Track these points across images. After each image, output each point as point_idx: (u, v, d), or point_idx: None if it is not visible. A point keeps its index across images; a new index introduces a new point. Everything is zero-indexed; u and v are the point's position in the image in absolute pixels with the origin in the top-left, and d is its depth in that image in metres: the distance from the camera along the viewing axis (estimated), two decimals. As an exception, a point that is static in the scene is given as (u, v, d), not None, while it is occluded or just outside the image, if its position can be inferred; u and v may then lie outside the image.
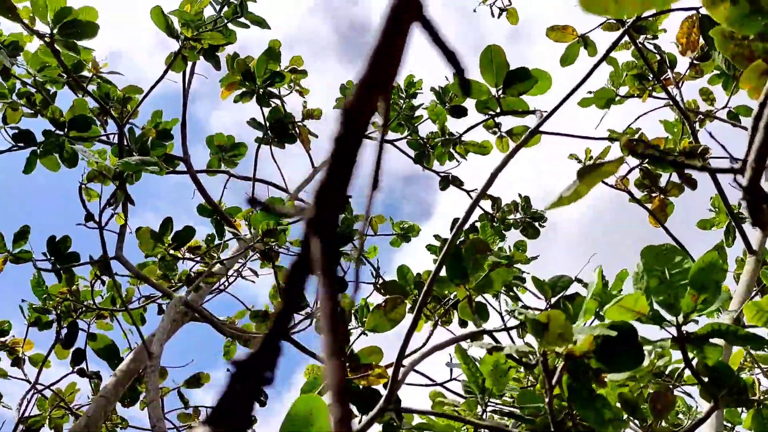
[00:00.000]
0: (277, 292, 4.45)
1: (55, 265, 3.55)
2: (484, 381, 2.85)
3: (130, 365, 3.06)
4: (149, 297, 4.29)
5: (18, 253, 3.49)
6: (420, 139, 5.29)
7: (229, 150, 5.00)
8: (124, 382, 2.99)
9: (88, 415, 2.75)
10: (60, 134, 3.78)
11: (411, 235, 5.19)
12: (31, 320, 4.30)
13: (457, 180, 5.32)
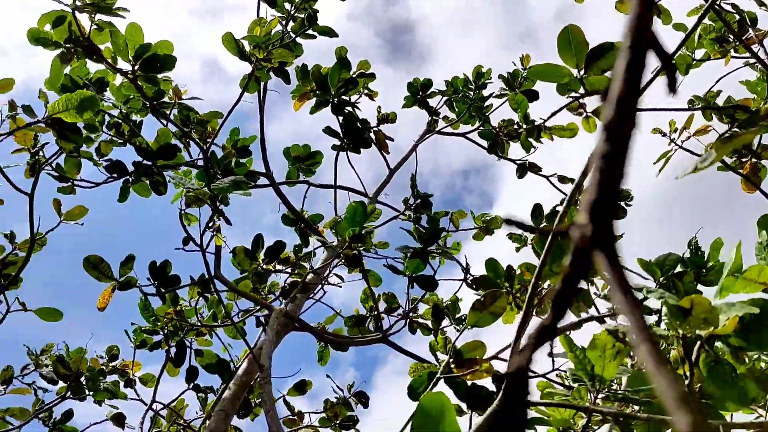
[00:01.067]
0: (368, 297, 4.52)
1: (159, 289, 3.72)
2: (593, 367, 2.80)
3: (242, 378, 3.17)
4: (247, 311, 4.43)
5: (124, 280, 3.67)
6: (492, 128, 5.24)
7: (306, 159, 5.11)
8: (239, 395, 3.11)
9: (210, 428, 2.87)
10: (148, 164, 3.97)
11: (493, 227, 5.15)
12: (137, 343, 4.53)
13: (534, 166, 5.24)
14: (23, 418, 4.04)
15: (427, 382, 2.81)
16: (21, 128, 2.86)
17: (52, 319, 4.16)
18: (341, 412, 4.93)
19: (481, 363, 2.70)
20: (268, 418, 2.70)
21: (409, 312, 3.97)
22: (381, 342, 3.66)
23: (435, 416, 1.43)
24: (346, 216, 3.33)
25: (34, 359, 4.28)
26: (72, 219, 3.56)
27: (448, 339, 2.90)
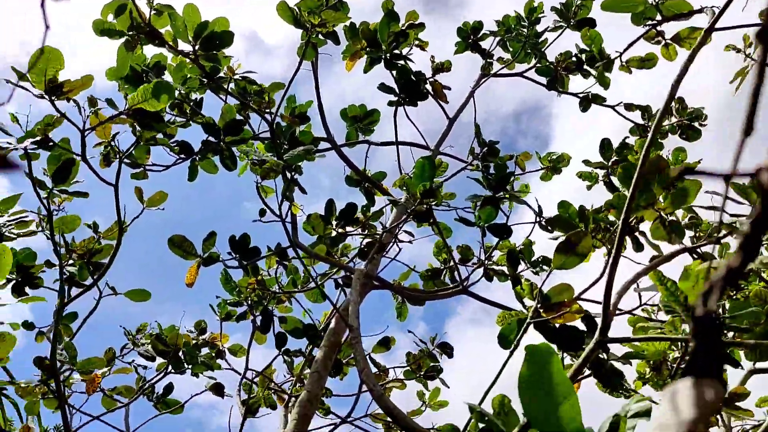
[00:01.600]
0: (441, 249, 4.53)
1: (240, 261, 3.83)
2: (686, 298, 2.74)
3: (331, 338, 3.26)
4: (324, 275, 4.52)
5: (207, 256, 3.80)
6: (550, 64, 5.09)
7: (364, 119, 5.10)
8: (330, 356, 3.20)
9: (307, 390, 2.98)
10: (216, 141, 4.04)
11: (561, 165, 5.05)
12: (222, 316, 4.70)
13: (598, 97, 5.07)
14: (129, 395, 4.28)
15: (516, 329, 2.82)
16: (104, 122, 2.95)
17: (141, 300, 4.35)
18: (424, 363, 5.01)
19: (569, 305, 2.68)
20: (363, 376, 2.77)
21: (485, 260, 3.96)
22: (461, 293, 3.68)
23: (540, 364, 1.45)
24: (414, 172, 3.32)
25: (131, 339, 4.50)
26: (153, 205, 3.68)
27: (533, 285, 2.89)
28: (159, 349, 3.89)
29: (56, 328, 3.59)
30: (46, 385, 3.94)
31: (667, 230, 2.29)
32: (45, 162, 3.54)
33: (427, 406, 4.79)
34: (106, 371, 4.07)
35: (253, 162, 4.51)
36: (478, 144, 4.26)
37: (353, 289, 3.16)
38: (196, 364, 3.90)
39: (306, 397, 2.96)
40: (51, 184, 3.54)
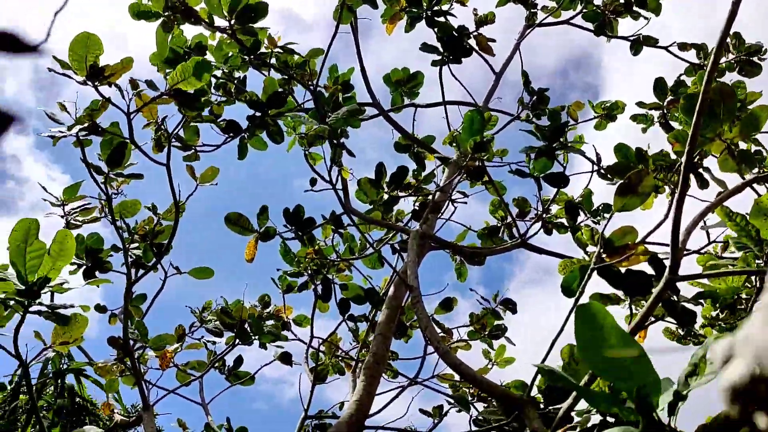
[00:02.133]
0: (497, 206, 4.45)
1: (297, 233, 3.86)
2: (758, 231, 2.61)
3: (392, 301, 3.25)
4: (380, 240, 4.52)
5: (264, 230, 3.84)
6: (597, 8, 4.88)
7: (408, 82, 5.02)
8: (393, 318, 3.20)
9: (373, 352, 2.99)
10: (261, 116, 4.05)
11: (616, 113, 4.86)
12: (284, 288, 4.76)
13: (650, 39, 4.85)
14: (202, 369, 4.40)
15: (580, 276, 2.74)
16: (147, 104, 2.99)
17: (205, 277, 4.45)
18: (488, 323, 4.97)
19: (634, 248, 2.59)
20: (427, 334, 2.76)
21: (543, 212, 3.87)
22: (520, 246, 3.61)
23: (595, 317, 1.41)
24: (463, 127, 3.25)
25: (197, 316, 4.62)
26: (206, 181, 3.73)
27: (594, 230, 2.80)
28: (226, 323, 3.97)
29: (127, 308, 3.71)
30: (122, 363, 4.09)
31: (736, 161, 2.16)
32: (98, 148, 3.62)
33: (493, 364, 4.76)
34: (178, 347, 4.19)
35: (300, 135, 4.52)
36: (528, 93, 4.13)
37: (410, 249, 3.14)
38: (263, 335, 3.97)
39: (373, 359, 2.98)
40: (106, 169, 3.63)
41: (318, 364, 4.21)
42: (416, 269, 2.99)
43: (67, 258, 2.71)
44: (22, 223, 2.62)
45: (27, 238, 2.62)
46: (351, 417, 2.77)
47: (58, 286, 2.74)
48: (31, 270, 2.65)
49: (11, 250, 2.61)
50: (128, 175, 3.68)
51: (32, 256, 2.64)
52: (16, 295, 2.61)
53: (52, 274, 2.69)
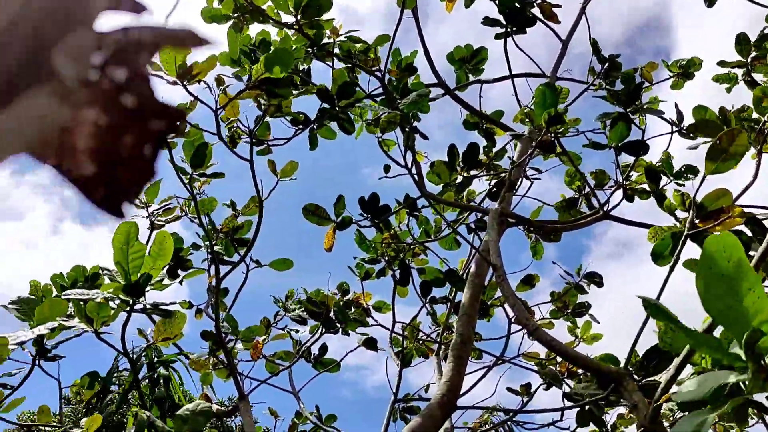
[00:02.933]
0: (573, 178, 4.36)
1: (373, 220, 3.90)
2: None
3: (474, 281, 3.26)
4: (456, 221, 4.51)
5: (341, 219, 3.90)
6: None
7: (471, 59, 4.97)
8: (477, 297, 3.21)
9: (459, 333, 3.01)
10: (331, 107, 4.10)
11: (693, 70, 4.67)
12: (361, 275, 4.82)
13: (723, -10, 4.61)
14: (289, 358, 4.53)
15: (672, 243, 2.67)
16: (232, 99, 3.09)
17: (285, 268, 4.55)
18: (571, 301, 4.90)
19: (729, 210, 2.50)
20: (515, 311, 2.75)
21: (624, 180, 3.77)
22: (603, 219, 3.53)
23: (718, 254, 1.34)
24: (535, 101, 3.20)
25: (281, 305, 4.74)
26: (286, 176, 3.81)
27: (685, 195, 2.72)
28: (310, 311, 4.06)
29: (216, 303, 3.85)
30: (215, 356, 4.25)
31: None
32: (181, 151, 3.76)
33: (580, 340, 4.69)
34: (266, 338, 4.32)
35: (367, 122, 4.55)
36: (598, 61, 4.01)
37: (490, 228, 3.13)
38: (348, 321, 4.05)
39: (460, 340, 2.99)
40: (190, 170, 3.76)
41: (402, 349, 4.26)
42: (498, 247, 2.98)
43: (166, 257, 2.84)
44: (123, 226, 2.76)
45: (128, 240, 2.76)
46: (443, 397, 2.79)
47: (159, 283, 2.88)
48: (134, 270, 2.79)
49: (115, 252, 2.75)
50: (210, 175, 3.80)
51: (134, 256, 2.78)
52: (122, 294, 2.75)
53: (153, 272, 2.83)
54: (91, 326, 3.02)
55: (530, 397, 4.10)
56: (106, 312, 3.01)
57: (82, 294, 2.83)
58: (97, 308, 2.97)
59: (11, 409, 3.37)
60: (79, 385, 4.42)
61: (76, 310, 3.05)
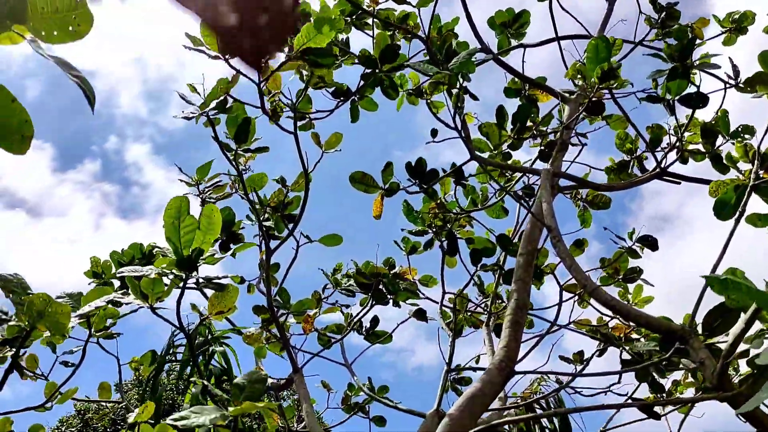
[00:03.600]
0: (624, 140, 4.23)
1: (421, 186, 3.86)
2: None
3: (528, 246, 3.19)
4: (503, 189, 4.43)
5: (389, 186, 3.86)
6: None
7: (513, 23, 4.85)
8: (531, 261, 3.14)
9: (515, 298, 2.95)
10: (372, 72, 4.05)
11: (746, 24, 4.46)
12: (407, 250, 4.79)
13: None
14: (340, 331, 4.54)
15: (735, 196, 2.56)
16: (276, 70, 3.06)
17: (334, 244, 4.54)
18: (622, 266, 4.78)
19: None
20: (573, 273, 2.68)
21: (681, 138, 3.63)
22: (658, 177, 3.42)
23: None
24: (588, 57, 3.09)
25: (331, 280, 4.75)
26: (331, 147, 3.78)
27: (748, 146, 2.60)
28: (361, 283, 4.06)
29: (268, 277, 3.87)
30: (268, 330, 4.30)
31: None
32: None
33: (633, 304, 4.58)
34: (317, 311, 4.34)
35: (408, 93, 4.49)
36: (654, 10, 3.85)
37: (543, 189, 3.05)
38: (399, 293, 4.03)
39: (515, 305, 2.94)
40: (235, 146, 3.77)
41: (454, 317, 4.22)
42: (551, 208, 2.90)
43: (216, 231, 2.85)
44: (173, 201, 2.77)
45: (179, 215, 2.77)
46: (501, 363, 2.75)
47: (210, 257, 2.89)
48: (186, 244, 2.80)
49: (166, 227, 2.77)
50: (255, 150, 3.81)
51: (185, 231, 2.79)
52: (175, 268, 2.77)
53: (204, 246, 2.84)
54: (146, 302, 3.07)
55: (585, 364, 4.02)
56: (160, 288, 3.04)
57: (136, 271, 2.87)
58: (151, 284, 3.01)
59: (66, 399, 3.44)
60: (138, 362, 4.52)
61: (131, 287, 3.10)
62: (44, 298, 1.57)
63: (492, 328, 4.56)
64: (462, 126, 3.31)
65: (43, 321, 1.61)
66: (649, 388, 3.43)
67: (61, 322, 1.62)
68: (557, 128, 3.93)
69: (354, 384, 4.84)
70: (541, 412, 3.68)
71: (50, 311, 1.58)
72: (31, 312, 1.59)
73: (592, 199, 4.72)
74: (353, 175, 3.77)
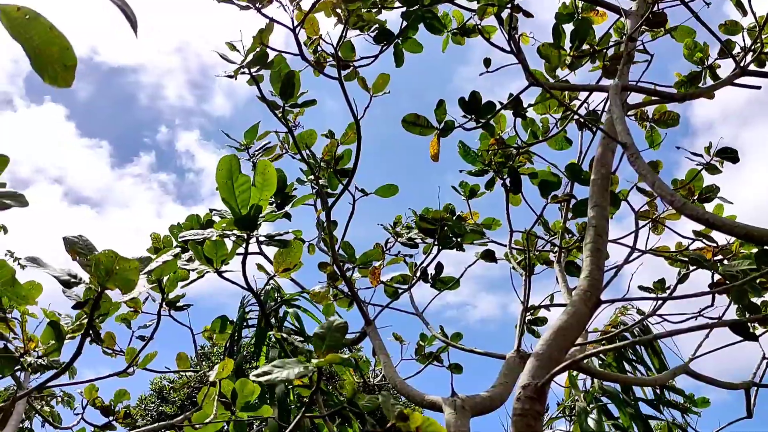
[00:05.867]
0: (693, 50, 3.91)
1: (478, 120, 3.66)
2: None
3: (601, 170, 2.98)
4: (563, 118, 4.19)
5: (443, 125, 3.68)
6: None
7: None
8: (606, 186, 2.94)
9: (592, 225, 2.77)
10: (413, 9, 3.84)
11: None
12: (467, 194, 4.62)
13: None
14: (407, 282, 4.44)
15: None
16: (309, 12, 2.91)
17: (390, 195, 4.40)
18: (696, 186, 4.50)
19: None
20: (656, 188, 2.46)
21: (759, 38, 3.31)
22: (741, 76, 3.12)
23: None
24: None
25: (392, 231, 4.63)
26: (379, 90, 3.61)
27: None
28: (424, 229, 3.92)
29: (330, 233, 3.77)
30: (334, 287, 4.23)
31: None
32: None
33: (714, 225, 4.31)
34: (381, 263, 4.24)
35: (453, 32, 4.25)
36: None
37: (613, 105, 2.82)
38: (465, 234, 3.88)
39: (593, 232, 2.75)
40: (281, 102, 3.64)
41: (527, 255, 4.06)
42: (625, 123, 2.68)
43: (272, 187, 2.75)
44: (223, 161, 2.67)
45: (231, 174, 2.67)
46: (585, 293, 2.58)
47: (270, 214, 2.80)
48: (243, 204, 2.71)
49: (221, 188, 2.68)
50: (302, 104, 3.67)
51: (240, 190, 2.69)
52: (235, 227, 2.69)
53: (262, 204, 2.74)
54: (211, 266, 3.02)
55: (673, 289, 3.81)
56: (223, 250, 2.98)
57: (197, 234, 2.80)
58: (214, 247, 2.95)
59: (147, 363, 3.47)
60: (210, 330, 4.55)
61: (194, 253, 3.05)
62: (111, 255, 1.50)
63: (563, 265, 4.38)
64: (517, 49, 3.09)
65: (112, 280, 1.54)
66: (744, 311, 3.21)
67: (130, 278, 1.54)
68: (619, 42, 3.64)
69: (426, 334, 4.76)
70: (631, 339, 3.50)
71: (118, 269, 1.51)
72: (99, 271, 1.51)
73: (659, 117, 4.45)
74: (406, 117, 3.61)
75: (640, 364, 5.02)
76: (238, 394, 2.72)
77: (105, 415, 3.15)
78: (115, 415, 3.17)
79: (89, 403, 3.17)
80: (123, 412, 3.19)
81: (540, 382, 2.22)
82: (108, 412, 3.15)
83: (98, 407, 3.15)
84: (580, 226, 4.55)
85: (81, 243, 1.58)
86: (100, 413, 3.16)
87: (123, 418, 3.16)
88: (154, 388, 19.39)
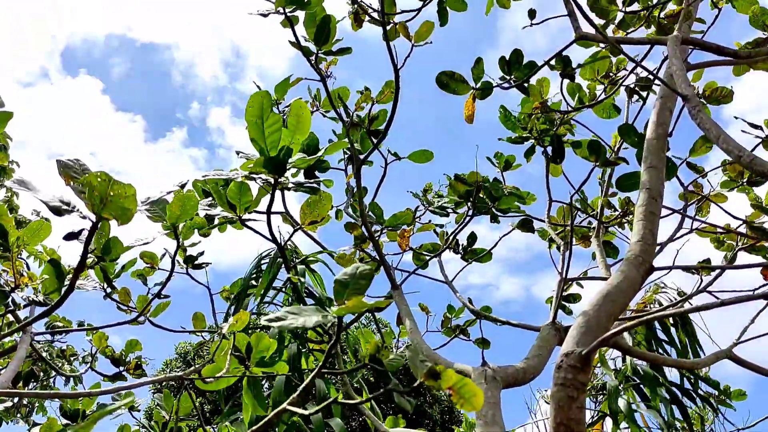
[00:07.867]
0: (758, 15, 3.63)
1: (518, 81, 3.44)
2: None
3: (658, 130, 2.75)
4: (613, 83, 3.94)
5: (481, 85, 3.47)
6: None
7: None
8: (663, 147, 2.71)
9: (647, 187, 2.55)
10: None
11: None
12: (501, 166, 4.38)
13: None
14: (436, 250, 4.26)
15: None
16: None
17: (425, 160, 4.20)
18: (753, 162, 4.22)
19: None
20: (722, 143, 2.23)
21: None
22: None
23: None
24: None
25: (423, 199, 4.44)
26: (422, 39, 3.40)
27: None
28: (459, 192, 3.72)
29: (360, 194, 3.59)
30: (361, 250, 4.06)
31: None
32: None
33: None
34: (411, 228, 4.06)
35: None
36: None
37: (673, 57, 2.58)
38: (502, 197, 3.67)
39: (647, 195, 2.53)
40: (315, 48, 3.46)
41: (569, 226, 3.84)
42: (686, 75, 2.45)
43: (305, 130, 2.57)
44: (254, 98, 2.50)
45: (262, 113, 2.50)
46: (636, 258, 2.37)
47: (300, 160, 2.62)
48: (272, 145, 2.55)
49: (249, 127, 2.51)
50: (337, 52, 3.49)
51: (270, 130, 2.53)
52: (263, 170, 2.53)
53: (293, 147, 2.57)
54: (234, 212, 2.86)
55: (728, 264, 3.57)
56: (248, 196, 2.83)
57: (221, 174, 2.64)
58: (238, 192, 2.79)
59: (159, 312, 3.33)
60: (228, 291, 4.41)
61: (216, 197, 2.89)
62: (104, 178, 1.32)
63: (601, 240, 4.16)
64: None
65: (107, 208, 1.36)
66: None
67: (126, 207, 1.36)
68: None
69: (453, 306, 4.58)
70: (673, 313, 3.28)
71: (113, 195, 1.33)
72: (92, 197, 1.34)
73: (710, 93, 4.17)
74: (440, 77, 3.39)
75: (670, 345, 4.76)
76: (253, 348, 2.57)
77: (115, 365, 3.03)
78: (126, 366, 3.05)
79: (98, 352, 3.06)
80: (134, 362, 3.07)
81: (585, 351, 2.02)
82: (119, 362, 3.03)
83: (108, 356, 3.03)
84: (622, 201, 4.31)
85: (77, 167, 1.41)
86: (110, 363, 3.04)
87: (134, 369, 3.04)
88: (179, 352, 19.54)
